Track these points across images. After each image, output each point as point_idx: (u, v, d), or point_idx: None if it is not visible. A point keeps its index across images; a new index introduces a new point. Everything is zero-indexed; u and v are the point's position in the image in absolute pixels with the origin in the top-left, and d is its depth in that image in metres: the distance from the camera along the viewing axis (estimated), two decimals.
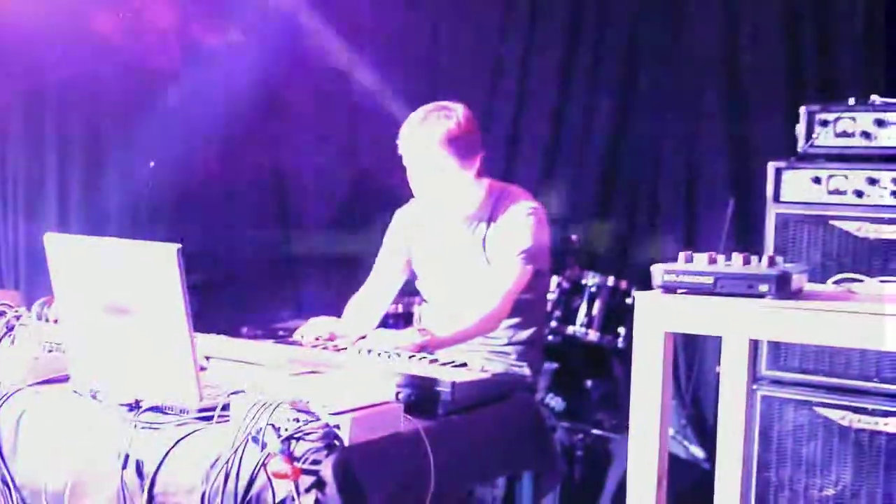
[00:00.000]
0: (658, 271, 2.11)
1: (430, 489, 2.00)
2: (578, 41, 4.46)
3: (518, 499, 2.47)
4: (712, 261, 2.10)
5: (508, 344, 2.89)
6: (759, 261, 2.09)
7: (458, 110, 2.84)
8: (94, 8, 4.40)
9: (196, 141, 4.59)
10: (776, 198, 2.97)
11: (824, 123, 2.95)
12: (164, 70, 4.60)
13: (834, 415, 2.85)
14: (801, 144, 2.99)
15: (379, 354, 2.41)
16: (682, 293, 2.08)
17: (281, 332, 3.28)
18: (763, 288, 2.02)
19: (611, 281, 3.85)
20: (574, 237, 3.95)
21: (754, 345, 2.70)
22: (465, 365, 2.34)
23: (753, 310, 2.01)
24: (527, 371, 2.90)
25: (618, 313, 3.83)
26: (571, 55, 4.47)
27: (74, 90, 4.62)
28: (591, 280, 3.85)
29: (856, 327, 1.92)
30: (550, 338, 3.77)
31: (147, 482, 1.96)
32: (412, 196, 2.95)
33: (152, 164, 4.64)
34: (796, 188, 2.95)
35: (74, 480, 2.05)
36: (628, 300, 3.83)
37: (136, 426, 2.03)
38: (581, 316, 3.82)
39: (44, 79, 4.65)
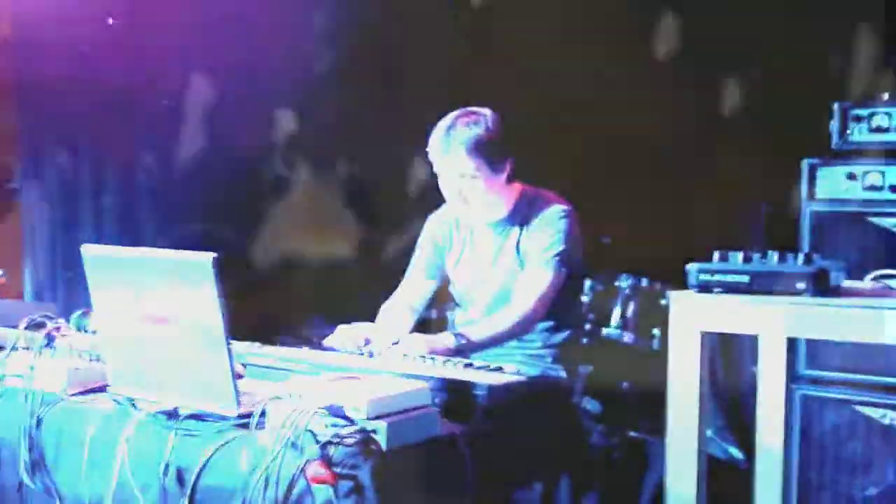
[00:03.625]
0: (693, 270, 2.10)
1: (468, 493, 2.00)
2: (609, 42, 4.44)
3: (556, 502, 2.47)
4: (747, 259, 2.09)
5: (544, 347, 2.88)
6: (795, 258, 2.07)
7: (487, 115, 2.84)
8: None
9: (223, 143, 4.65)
10: (811, 195, 2.94)
11: (858, 119, 2.92)
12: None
13: (875, 413, 2.82)
14: (834, 140, 2.95)
15: (414, 359, 2.41)
16: (717, 292, 2.07)
17: (314, 339, 3.29)
18: (800, 285, 2.00)
19: (644, 282, 3.83)
20: (607, 239, 3.93)
21: (792, 343, 2.68)
22: (500, 369, 2.34)
23: (790, 308, 1.99)
24: (562, 374, 2.89)
25: (652, 315, 3.81)
26: (602, 57, 4.45)
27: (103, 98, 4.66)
28: (624, 282, 3.83)
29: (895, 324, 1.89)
30: (585, 340, 3.75)
31: (188, 489, 1.98)
32: (444, 201, 2.96)
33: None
34: (831, 185, 2.92)
35: (116, 489, 2.08)
36: (662, 301, 3.80)
37: (175, 434, 2.05)
38: (615, 318, 3.81)
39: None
